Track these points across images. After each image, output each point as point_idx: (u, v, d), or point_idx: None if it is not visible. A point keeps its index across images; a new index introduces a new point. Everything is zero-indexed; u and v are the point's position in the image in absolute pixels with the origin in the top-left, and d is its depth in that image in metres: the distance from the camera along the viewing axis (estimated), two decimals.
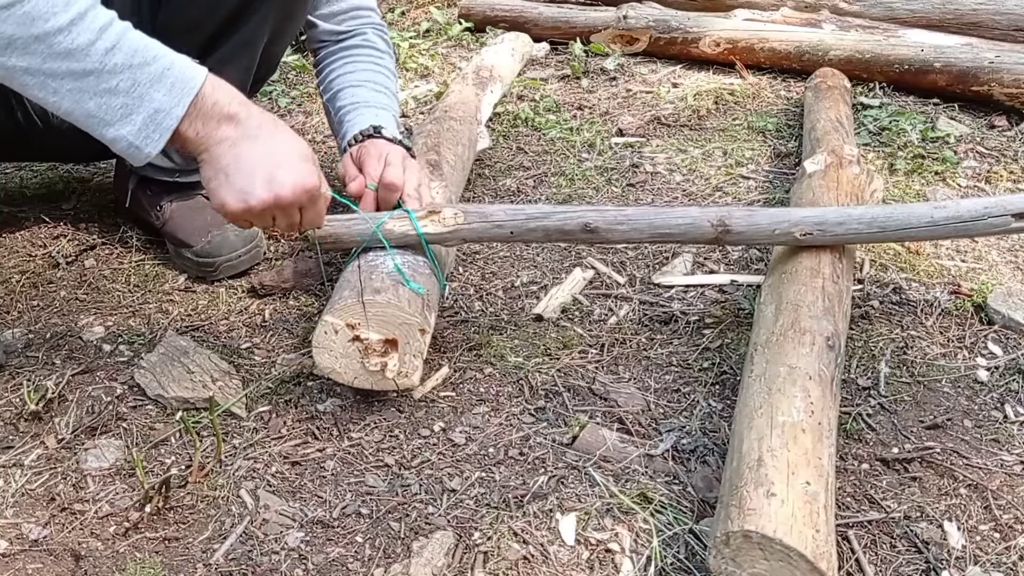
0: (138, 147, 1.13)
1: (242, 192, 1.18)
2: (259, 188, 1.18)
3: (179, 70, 1.14)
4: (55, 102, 1.10)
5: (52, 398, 1.35)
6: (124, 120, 1.11)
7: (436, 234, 1.39)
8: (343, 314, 1.26)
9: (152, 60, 1.12)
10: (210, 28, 1.52)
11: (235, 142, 1.18)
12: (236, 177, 1.18)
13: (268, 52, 1.63)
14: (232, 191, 1.18)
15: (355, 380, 1.30)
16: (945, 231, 1.40)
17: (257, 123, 1.20)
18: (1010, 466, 1.25)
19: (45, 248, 1.77)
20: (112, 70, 1.09)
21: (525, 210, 1.42)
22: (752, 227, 1.40)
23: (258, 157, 1.19)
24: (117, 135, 1.12)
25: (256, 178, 1.18)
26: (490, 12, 3.10)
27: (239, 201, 1.19)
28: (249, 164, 1.18)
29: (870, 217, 1.40)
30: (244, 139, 1.18)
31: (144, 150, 1.14)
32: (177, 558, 1.11)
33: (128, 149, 1.13)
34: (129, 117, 1.11)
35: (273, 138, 1.21)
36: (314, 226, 1.29)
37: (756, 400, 1.13)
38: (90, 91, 1.10)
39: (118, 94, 1.10)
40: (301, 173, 1.21)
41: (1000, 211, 1.36)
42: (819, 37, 2.66)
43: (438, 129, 1.86)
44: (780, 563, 0.95)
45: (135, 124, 1.12)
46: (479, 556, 1.10)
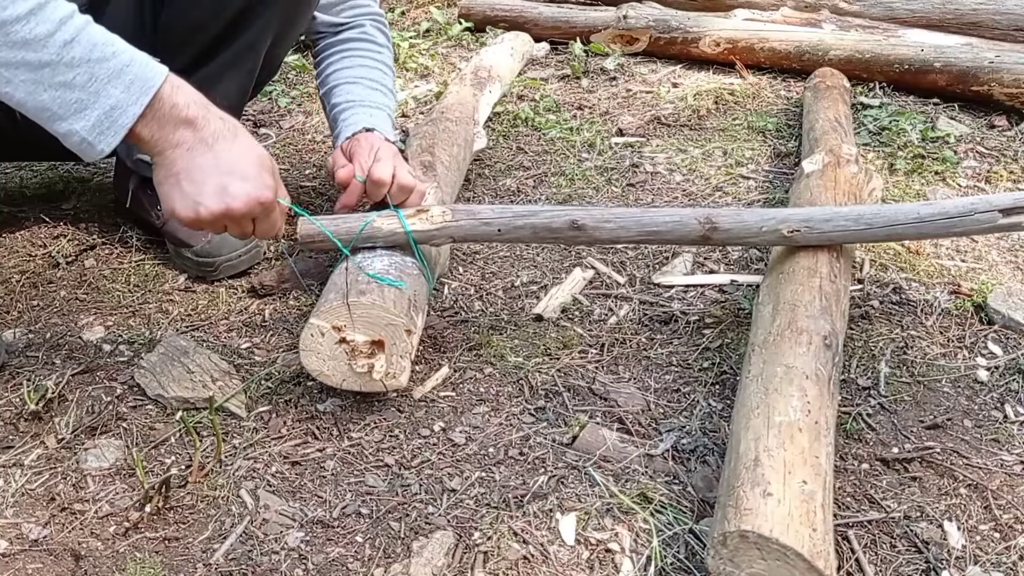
0: (91, 143, 1.10)
1: (192, 201, 1.16)
2: (210, 199, 1.16)
3: (139, 68, 1.11)
4: (8, 92, 1.07)
5: (52, 398, 1.35)
6: (78, 115, 1.08)
7: (424, 232, 1.39)
8: (329, 316, 1.26)
9: (111, 56, 1.09)
10: (213, 31, 1.52)
11: (191, 147, 1.15)
12: (188, 185, 1.15)
13: (271, 54, 1.63)
14: (183, 198, 1.16)
15: (344, 382, 1.30)
16: (933, 228, 1.39)
17: (214, 130, 1.17)
18: (1010, 466, 1.25)
19: (45, 248, 1.78)
20: (69, 63, 1.06)
21: (513, 208, 1.42)
22: (739, 225, 1.40)
23: (212, 166, 1.16)
24: (70, 130, 1.09)
25: (208, 188, 1.16)
26: (490, 12, 3.10)
27: (188, 210, 1.16)
28: (202, 173, 1.15)
29: (857, 214, 1.40)
30: (200, 145, 1.15)
31: (96, 147, 1.10)
32: (177, 558, 1.11)
33: (80, 145, 1.11)
34: (83, 112, 1.08)
35: (230, 147, 1.17)
36: (268, 236, 1.26)
37: (753, 400, 1.13)
38: (45, 83, 1.06)
39: (74, 88, 1.07)
40: (255, 185, 1.18)
41: (986, 207, 1.36)
42: (819, 37, 2.66)
43: (433, 131, 1.87)
44: (777, 562, 0.95)
45: (89, 120, 1.09)
46: (479, 556, 1.10)
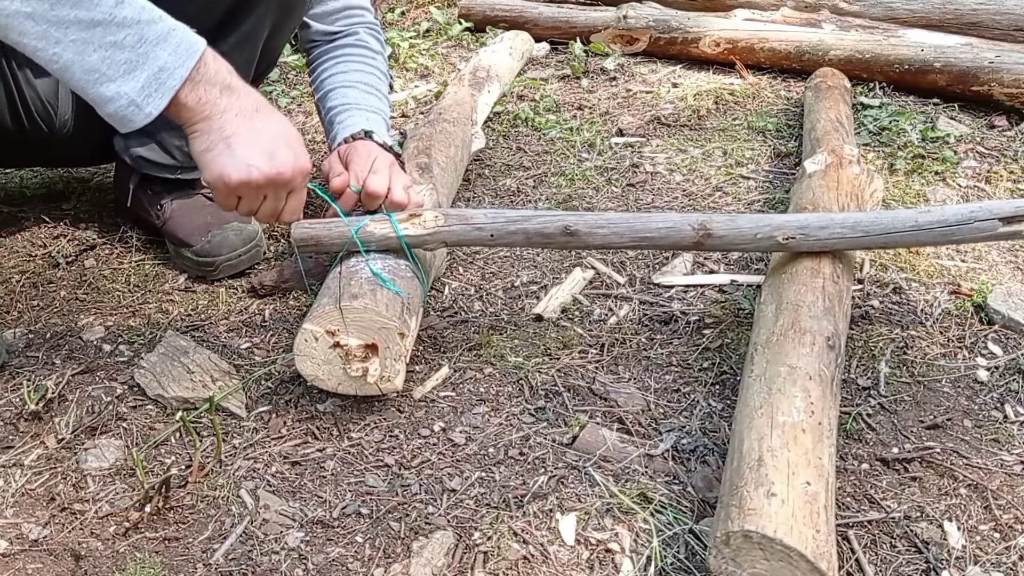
0: (139, 105, 1.09)
1: (244, 162, 1.16)
2: (262, 160, 1.17)
3: (183, 32, 1.12)
4: (55, 54, 1.06)
5: (52, 398, 1.35)
6: (127, 76, 1.08)
7: (416, 236, 1.39)
8: (322, 321, 1.26)
9: (158, 19, 1.10)
10: (211, 21, 1.52)
11: (238, 112, 1.16)
12: (239, 147, 1.16)
13: (268, 46, 1.63)
14: (234, 160, 1.16)
15: (339, 386, 1.30)
16: (930, 236, 1.38)
17: (255, 99, 1.19)
18: (1010, 466, 1.25)
19: (45, 248, 1.77)
20: (120, 23, 1.07)
21: (505, 213, 1.42)
22: (734, 231, 1.39)
23: (260, 132, 1.17)
24: (118, 91, 1.08)
25: (259, 151, 1.17)
26: (490, 12, 3.10)
27: (240, 170, 1.16)
28: (252, 137, 1.16)
29: (853, 222, 1.39)
30: (246, 111, 1.17)
31: (144, 109, 1.10)
32: (177, 558, 1.11)
33: (127, 108, 1.10)
34: (132, 73, 1.08)
35: (272, 118, 1.20)
36: (294, 216, 1.27)
37: (756, 400, 1.13)
38: (96, 42, 1.06)
39: (124, 48, 1.07)
40: (299, 155, 1.21)
41: (986, 215, 1.35)
42: (819, 37, 2.66)
43: (431, 132, 1.87)
44: (780, 563, 0.95)
45: (138, 81, 1.08)
46: (479, 556, 1.10)
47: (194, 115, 1.14)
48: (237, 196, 1.21)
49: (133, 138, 1.67)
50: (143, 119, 1.11)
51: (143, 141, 1.66)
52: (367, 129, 1.55)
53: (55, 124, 1.60)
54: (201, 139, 1.16)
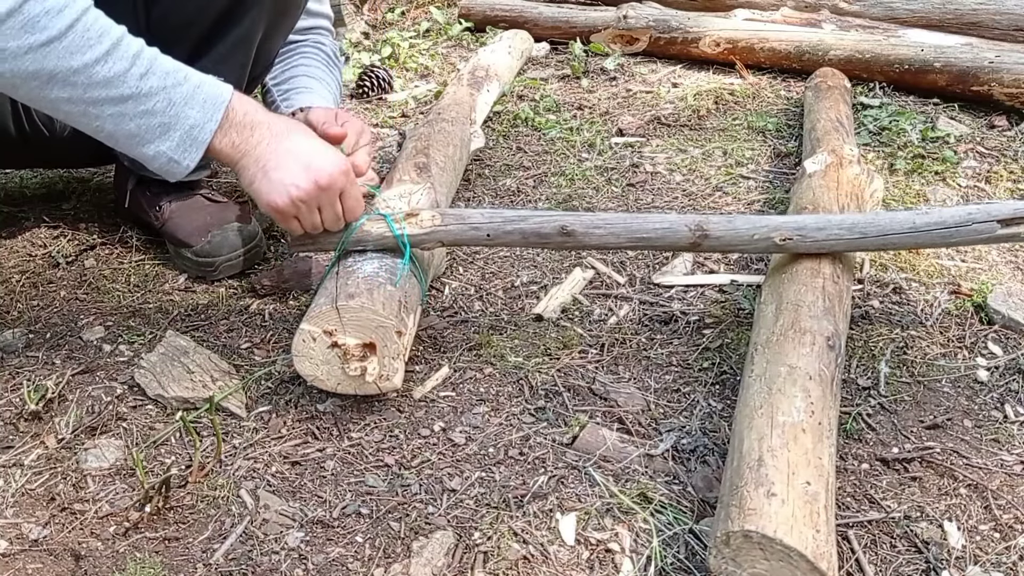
0: (177, 161, 1.22)
1: (283, 184, 1.26)
2: (299, 177, 1.26)
3: (209, 88, 1.23)
4: (97, 126, 1.19)
5: (52, 398, 1.35)
6: (163, 137, 1.20)
7: (413, 236, 1.39)
8: (319, 321, 1.26)
9: (184, 80, 1.22)
10: (205, 24, 1.52)
11: (269, 141, 1.26)
12: (275, 172, 1.26)
13: (263, 48, 1.63)
14: (275, 187, 1.26)
15: (338, 386, 1.30)
16: (928, 238, 1.38)
17: (283, 125, 1.30)
18: (1010, 466, 1.25)
19: (45, 248, 1.77)
20: (148, 93, 1.19)
21: (503, 213, 1.42)
22: (730, 232, 1.39)
23: (291, 152, 1.27)
24: (158, 151, 1.21)
25: (294, 169, 1.26)
26: (490, 12, 3.10)
27: (283, 194, 1.26)
28: (284, 159, 1.26)
29: (851, 223, 1.38)
30: (275, 138, 1.27)
31: (183, 163, 1.23)
32: (177, 558, 1.11)
33: (168, 164, 1.23)
34: (167, 134, 1.20)
35: (300, 135, 1.30)
36: (356, 215, 1.35)
37: (756, 400, 1.13)
38: (129, 114, 1.19)
39: (155, 114, 1.20)
40: (334, 159, 1.29)
41: (985, 217, 1.34)
42: (819, 37, 2.66)
43: (429, 132, 1.86)
44: (780, 563, 0.95)
45: (173, 140, 1.21)
46: (479, 556, 1.10)
47: (232, 157, 1.26)
48: (294, 216, 1.30)
49: None
50: (183, 171, 1.24)
51: None
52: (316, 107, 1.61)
53: (55, 126, 1.60)
54: (244, 175, 1.28)
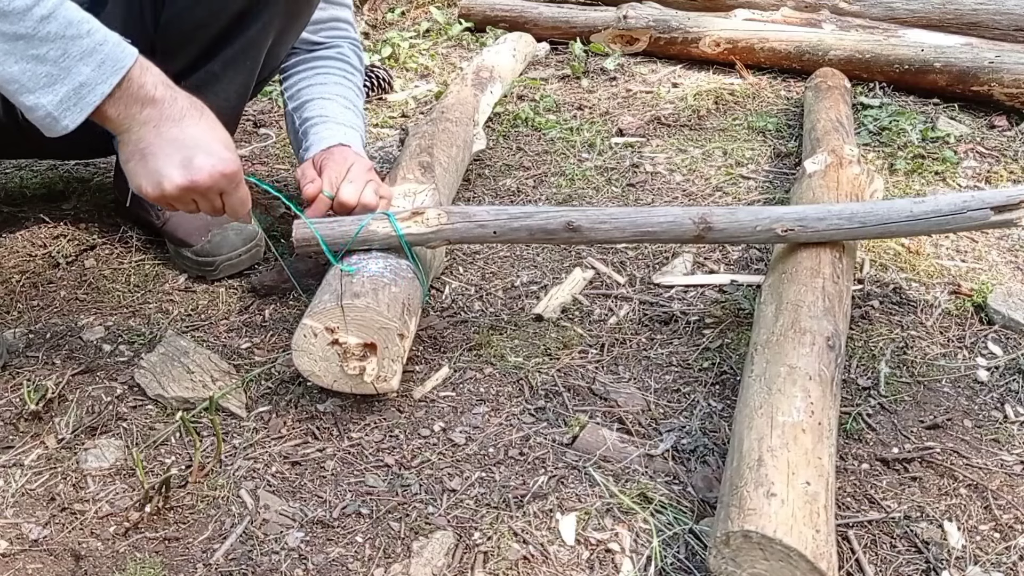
0: (55, 118, 1.12)
1: (157, 175, 1.19)
2: (175, 172, 1.19)
3: (111, 48, 1.13)
4: None
5: (52, 398, 1.35)
6: (46, 89, 1.10)
7: (419, 234, 1.39)
8: (322, 318, 1.26)
9: (86, 34, 1.12)
10: (215, 29, 1.52)
11: (156, 124, 1.18)
12: (152, 161, 1.19)
13: (272, 52, 1.62)
14: (147, 174, 1.19)
15: (335, 384, 1.30)
16: (925, 226, 1.40)
17: (180, 108, 1.20)
18: (1010, 466, 1.25)
19: (45, 248, 1.77)
20: (44, 37, 1.09)
21: (508, 210, 1.42)
22: (733, 224, 1.40)
23: (176, 141, 1.19)
24: (36, 103, 1.11)
25: (172, 162, 1.19)
26: (490, 12, 3.10)
27: (153, 184, 1.19)
28: (166, 148, 1.18)
29: (851, 213, 1.40)
30: (166, 122, 1.18)
31: (60, 122, 1.12)
32: (177, 558, 1.11)
33: (45, 119, 1.12)
34: (52, 87, 1.10)
35: (196, 123, 1.21)
36: (239, 215, 1.29)
37: (756, 400, 1.13)
38: (17, 54, 1.08)
39: (45, 62, 1.10)
40: (221, 158, 1.21)
41: (979, 204, 1.37)
42: (819, 37, 2.66)
43: (433, 131, 1.86)
44: (780, 563, 0.95)
45: (57, 95, 1.11)
46: (479, 556, 1.10)
47: (116, 127, 1.18)
48: (167, 202, 1.23)
49: None
50: (60, 130, 1.13)
51: None
52: (344, 143, 1.55)
53: None
54: (122, 150, 1.20)
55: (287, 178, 2.09)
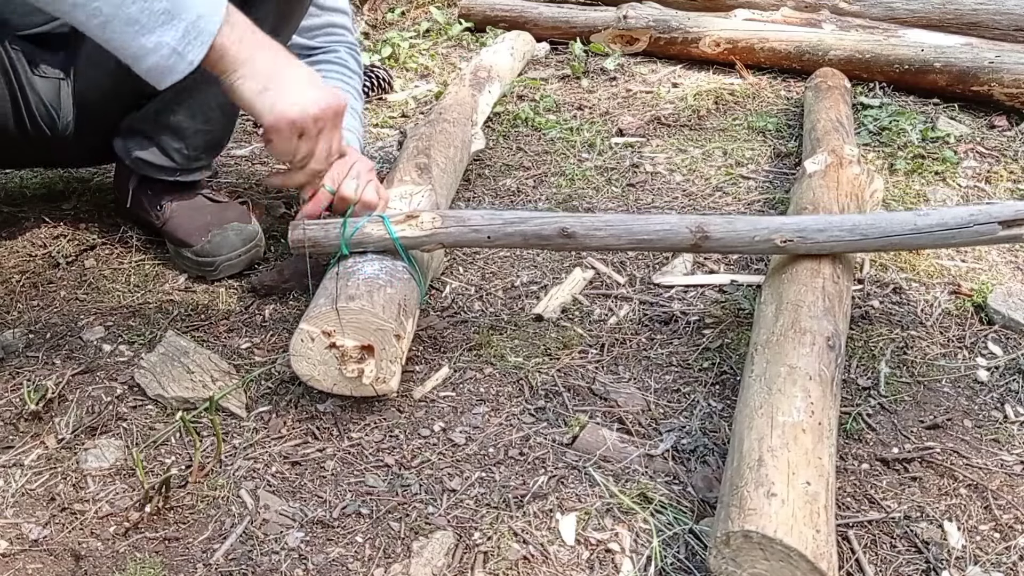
0: (180, 55, 1.10)
1: (300, 95, 1.18)
2: (315, 92, 1.20)
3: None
4: (96, 7, 1.07)
5: (52, 398, 1.35)
6: (166, 26, 1.09)
7: (413, 238, 1.39)
8: (318, 322, 1.26)
9: None
10: None
11: (275, 51, 1.18)
12: (291, 83, 1.18)
13: None
14: (289, 99, 1.18)
15: (334, 387, 1.30)
16: (929, 239, 1.37)
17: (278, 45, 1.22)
18: (1010, 466, 1.25)
19: (45, 248, 1.77)
20: None
21: (503, 215, 1.42)
22: (731, 234, 1.39)
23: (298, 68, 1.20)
24: (159, 42, 1.09)
25: (307, 89, 1.19)
26: (490, 12, 3.10)
27: (299, 106, 1.19)
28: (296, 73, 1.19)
29: (851, 224, 1.38)
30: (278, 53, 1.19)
31: (186, 58, 1.11)
32: (177, 558, 1.11)
33: (170, 58, 1.11)
34: (171, 23, 1.09)
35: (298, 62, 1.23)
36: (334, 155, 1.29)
37: (757, 400, 1.13)
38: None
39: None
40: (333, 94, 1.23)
41: (986, 219, 1.34)
42: (819, 37, 2.66)
43: (431, 132, 1.86)
44: (780, 563, 0.95)
45: (177, 30, 1.09)
46: (479, 556, 1.10)
47: (236, 60, 1.15)
48: (297, 135, 1.22)
49: (133, 140, 1.67)
50: (186, 67, 1.12)
51: (143, 144, 1.66)
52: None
53: (57, 126, 1.60)
54: (250, 83, 1.17)
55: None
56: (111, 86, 1.59)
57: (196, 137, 1.66)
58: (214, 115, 1.65)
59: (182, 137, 1.65)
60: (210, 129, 1.67)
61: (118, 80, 1.59)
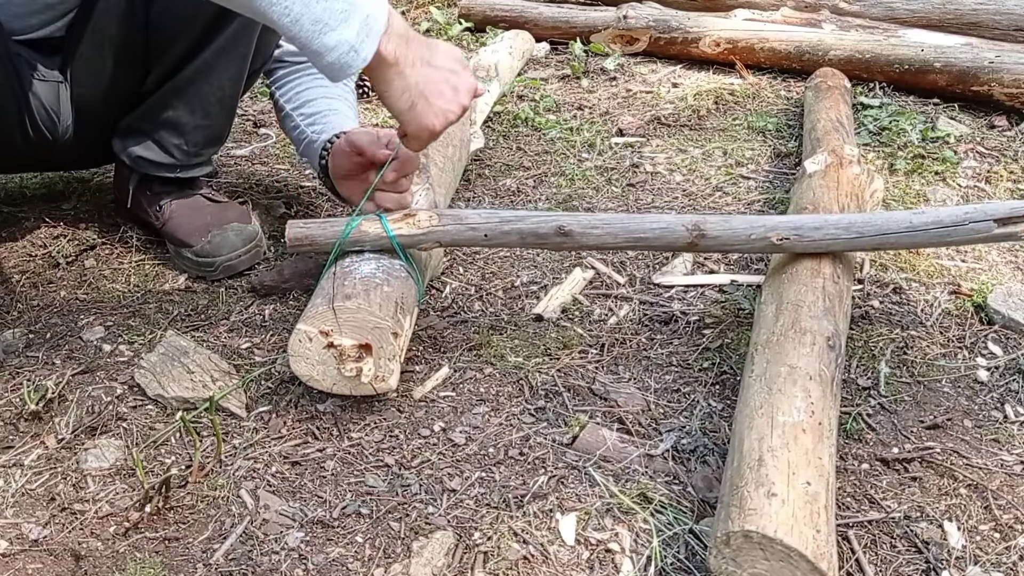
0: (356, 50, 1.17)
1: (443, 110, 1.27)
2: (454, 103, 1.28)
3: None
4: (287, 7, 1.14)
5: (52, 398, 1.35)
6: (344, 24, 1.16)
7: (410, 236, 1.39)
8: (315, 321, 1.26)
9: None
10: (204, 18, 1.52)
11: (421, 59, 1.25)
12: (434, 98, 1.26)
13: (263, 40, 1.62)
14: (435, 111, 1.27)
15: (334, 386, 1.30)
16: (925, 238, 1.37)
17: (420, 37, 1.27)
18: (1010, 466, 1.25)
19: (45, 248, 1.77)
20: None
21: (500, 213, 1.42)
22: (727, 232, 1.39)
23: (441, 70, 1.27)
24: (340, 39, 1.16)
25: (446, 95, 1.27)
26: (490, 12, 3.10)
27: (442, 118, 1.27)
28: (440, 83, 1.27)
29: (848, 223, 1.38)
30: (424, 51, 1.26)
31: (361, 53, 1.17)
32: (177, 558, 1.11)
33: (348, 54, 1.17)
34: (348, 21, 1.16)
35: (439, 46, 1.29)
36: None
37: (757, 400, 1.13)
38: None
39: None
40: (469, 78, 1.30)
41: (982, 217, 1.34)
42: (819, 37, 2.66)
43: None
44: (781, 563, 0.95)
45: (353, 28, 1.16)
46: (479, 556, 1.10)
47: (388, 65, 1.22)
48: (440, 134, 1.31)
49: (131, 139, 1.67)
50: (360, 63, 1.19)
51: (140, 140, 1.66)
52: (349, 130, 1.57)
53: (58, 130, 1.60)
54: (399, 98, 1.25)
55: (287, 178, 2.09)
56: (108, 87, 1.59)
57: (196, 132, 1.66)
58: (213, 109, 1.65)
59: (182, 133, 1.65)
60: (209, 124, 1.67)
61: (115, 80, 1.60)
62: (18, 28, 1.49)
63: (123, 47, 1.55)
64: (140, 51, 1.58)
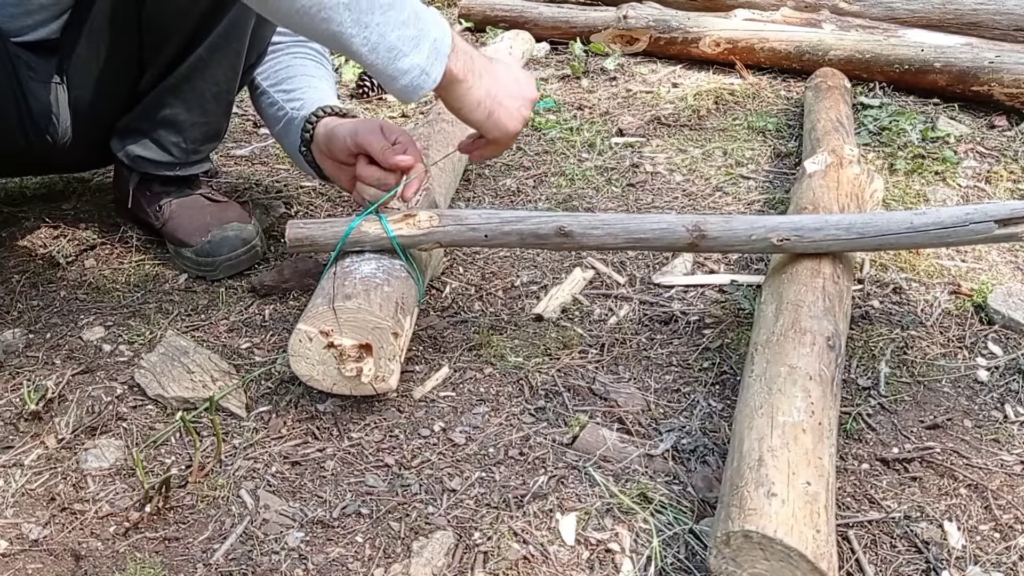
0: (427, 73, 1.23)
1: (518, 112, 1.35)
2: (522, 100, 1.35)
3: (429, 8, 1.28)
4: (365, 37, 1.19)
5: (52, 398, 1.35)
6: (416, 49, 1.22)
7: (410, 236, 1.39)
8: (316, 321, 1.26)
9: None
10: (196, 14, 1.52)
11: (483, 69, 1.31)
12: (508, 101, 1.33)
13: (256, 35, 1.62)
14: (511, 116, 1.34)
15: (334, 386, 1.30)
16: (926, 238, 1.37)
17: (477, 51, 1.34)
18: (1010, 466, 1.25)
19: (45, 248, 1.77)
20: (399, 4, 1.22)
21: (500, 214, 1.42)
22: (728, 233, 1.39)
23: (507, 77, 1.34)
24: (412, 64, 1.22)
25: (516, 96, 1.35)
26: (490, 12, 3.10)
27: (517, 121, 1.35)
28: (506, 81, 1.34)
29: (848, 223, 1.38)
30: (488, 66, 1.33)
31: (432, 75, 1.24)
32: (177, 558, 1.11)
33: (420, 77, 1.23)
34: (419, 47, 1.22)
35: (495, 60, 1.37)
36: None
37: (757, 400, 1.13)
38: (392, 23, 1.21)
39: (408, 25, 1.22)
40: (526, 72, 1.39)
41: (982, 217, 1.33)
42: (819, 37, 2.66)
43: (429, 132, 1.87)
44: (781, 563, 0.95)
45: (423, 52, 1.23)
46: (479, 556, 1.10)
47: (458, 82, 1.29)
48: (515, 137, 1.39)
49: (130, 138, 1.67)
50: (431, 84, 1.25)
51: (138, 140, 1.66)
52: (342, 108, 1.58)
53: (57, 133, 1.60)
54: (476, 110, 1.32)
55: (287, 178, 2.09)
56: (105, 88, 1.59)
57: (194, 129, 1.66)
58: (210, 106, 1.65)
59: (180, 130, 1.65)
60: (207, 120, 1.67)
61: (111, 81, 1.60)
62: (14, 29, 1.49)
63: (118, 47, 1.55)
64: (135, 50, 1.58)
